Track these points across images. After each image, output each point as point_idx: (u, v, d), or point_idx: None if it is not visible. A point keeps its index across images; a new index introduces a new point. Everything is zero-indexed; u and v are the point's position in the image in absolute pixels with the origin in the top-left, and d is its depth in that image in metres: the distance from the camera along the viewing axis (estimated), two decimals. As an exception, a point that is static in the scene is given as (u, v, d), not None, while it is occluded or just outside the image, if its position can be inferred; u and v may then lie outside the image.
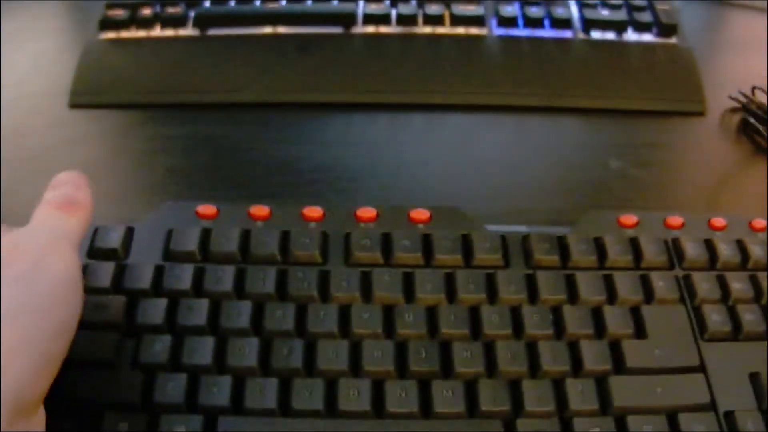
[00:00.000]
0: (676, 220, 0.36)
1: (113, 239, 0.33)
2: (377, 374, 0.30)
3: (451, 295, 0.33)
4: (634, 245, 0.35)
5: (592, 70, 0.47)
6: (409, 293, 0.33)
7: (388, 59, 0.47)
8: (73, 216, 0.29)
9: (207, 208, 0.35)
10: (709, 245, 0.35)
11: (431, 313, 0.32)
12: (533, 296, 0.33)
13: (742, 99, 0.46)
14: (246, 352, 0.30)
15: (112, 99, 0.46)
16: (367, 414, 0.29)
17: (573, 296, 0.33)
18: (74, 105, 0.46)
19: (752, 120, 0.45)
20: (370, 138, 0.45)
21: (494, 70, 0.47)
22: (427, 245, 0.34)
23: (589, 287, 0.33)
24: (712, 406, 0.30)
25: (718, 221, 0.37)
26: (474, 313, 0.32)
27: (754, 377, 0.31)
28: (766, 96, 0.46)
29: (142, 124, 0.45)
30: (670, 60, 0.48)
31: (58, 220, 0.28)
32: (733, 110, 0.47)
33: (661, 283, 0.34)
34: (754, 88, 0.46)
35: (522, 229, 0.35)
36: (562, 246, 0.35)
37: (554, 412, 0.30)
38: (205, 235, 0.34)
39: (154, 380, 0.29)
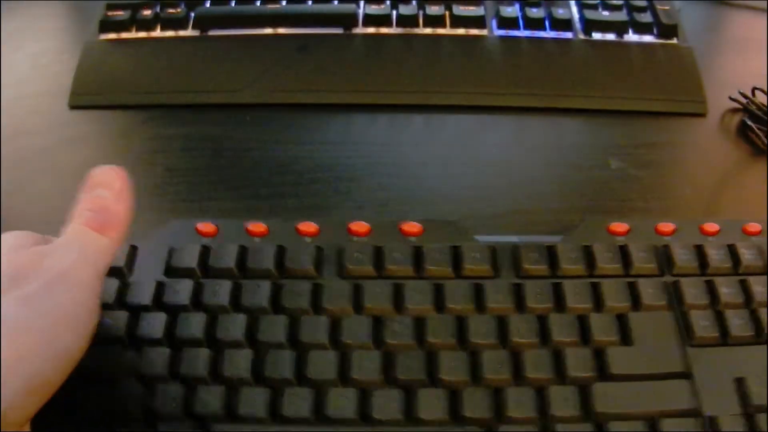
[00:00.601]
0: (667, 226, 0.36)
1: (118, 258, 0.34)
2: (365, 383, 0.31)
3: (439, 305, 0.33)
4: (624, 253, 0.35)
5: (593, 70, 0.47)
6: (398, 304, 0.33)
7: (388, 60, 0.47)
8: (106, 236, 0.28)
9: (207, 226, 0.36)
10: (700, 251, 0.35)
11: (419, 323, 0.32)
12: (520, 305, 0.33)
13: (743, 100, 0.46)
14: (239, 363, 0.31)
15: (112, 99, 0.46)
16: (354, 421, 0.30)
17: (560, 305, 0.33)
18: (74, 105, 0.46)
19: (752, 121, 0.45)
20: (370, 138, 0.45)
21: (494, 71, 0.47)
22: (417, 257, 0.35)
23: (575, 295, 0.33)
24: (696, 411, 0.31)
25: (711, 226, 0.36)
26: (461, 322, 0.33)
27: (739, 382, 0.31)
28: (766, 97, 0.45)
29: (142, 124, 0.45)
30: (671, 61, 0.48)
31: (89, 239, 0.27)
32: (734, 111, 0.47)
33: (649, 289, 0.34)
34: (754, 88, 0.46)
35: (513, 239, 0.36)
36: (551, 255, 0.35)
37: (536, 418, 0.30)
38: (205, 252, 0.34)
39: (154, 391, 0.30)
